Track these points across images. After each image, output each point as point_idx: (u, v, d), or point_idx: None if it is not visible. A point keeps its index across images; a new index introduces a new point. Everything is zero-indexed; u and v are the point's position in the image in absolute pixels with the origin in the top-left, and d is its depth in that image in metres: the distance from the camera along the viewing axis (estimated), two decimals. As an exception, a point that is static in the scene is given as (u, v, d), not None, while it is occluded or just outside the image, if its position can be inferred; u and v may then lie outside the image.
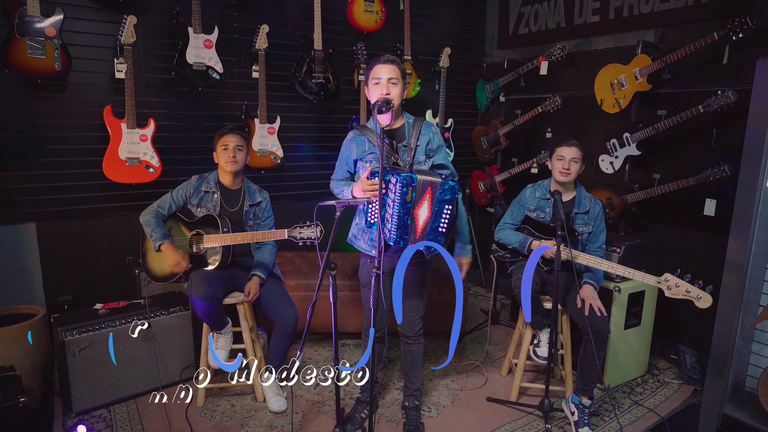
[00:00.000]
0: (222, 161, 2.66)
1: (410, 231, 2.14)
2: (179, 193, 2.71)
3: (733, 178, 2.74)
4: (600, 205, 2.77)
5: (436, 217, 2.13)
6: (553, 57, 3.84)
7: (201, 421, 2.60)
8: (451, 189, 2.11)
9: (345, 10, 3.79)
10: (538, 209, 2.80)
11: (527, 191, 2.85)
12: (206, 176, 2.74)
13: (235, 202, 2.73)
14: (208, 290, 2.47)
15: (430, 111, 4.28)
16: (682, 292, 2.32)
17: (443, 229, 2.15)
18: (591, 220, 2.72)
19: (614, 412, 2.75)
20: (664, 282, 2.37)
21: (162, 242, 2.58)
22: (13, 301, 2.93)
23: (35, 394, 2.63)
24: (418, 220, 2.14)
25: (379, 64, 2.21)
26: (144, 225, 2.64)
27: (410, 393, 2.59)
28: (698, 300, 2.29)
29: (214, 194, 2.69)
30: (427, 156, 2.32)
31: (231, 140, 2.64)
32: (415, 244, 2.14)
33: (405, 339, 2.51)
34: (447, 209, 2.13)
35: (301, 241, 2.44)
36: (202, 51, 3.19)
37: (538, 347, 2.75)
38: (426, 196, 2.12)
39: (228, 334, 2.67)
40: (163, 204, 2.68)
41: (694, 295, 2.29)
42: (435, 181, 2.11)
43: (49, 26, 2.74)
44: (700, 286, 2.30)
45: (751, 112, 2.26)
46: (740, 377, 2.58)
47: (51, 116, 3.00)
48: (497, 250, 2.90)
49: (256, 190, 2.81)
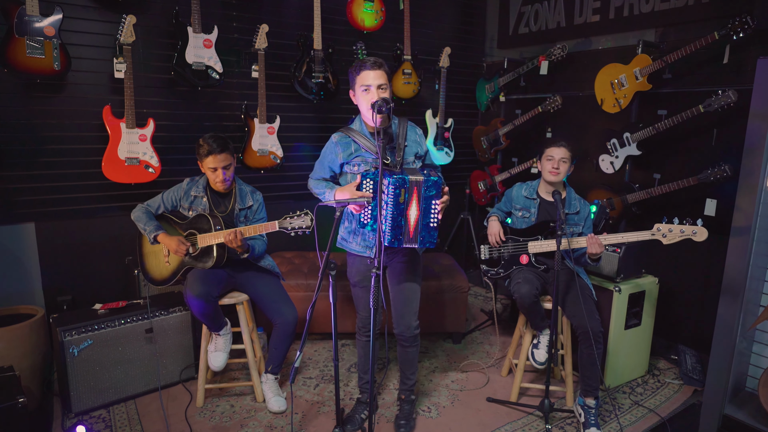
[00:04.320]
0: (211, 180, 2.63)
1: (404, 231, 2.15)
2: (170, 195, 2.71)
3: (733, 178, 2.73)
4: (589, 207, 2.80)
5: (426, 214, 2.14)
6: (554, 57, 3.84)
7: (200, 421, 2.59)
8: (435, 184, 2.11)
9: (345, 9, 3.78)
10: (523, 209, 2.85)
11: (515, 189, 2.93)
12: (197, 180, 2.73)
13: (224, 206, 2.72)
14: (203, 288, 2.47)
15: (430, 111, 4.28)
16: (677, 235, 2.37)
17: (434, 224, 2.15)
18: (581, 220, 2.76)
19: (615, 412, 2.75)
20: (657, 232, 2.41)
21: (157, 233, 2.59)
22: (12, 302, 2.92)
23: (34, 395, 2.63)
24: (410, 219, 2.14)
25: (366, 69, 2.18)
26: (136, 221, 2.65)
27: (407, 388, 2.60)
28: (695, 235, 2.33)
29: (203, 198, 2.68)
30: (416, 156, 2.34)
31: (218, 162, 2.56)
32: (410, 243, 2.15)
33: (401, 341, 2.50)
34: (434, 204, 2.13)
35: (293, 231, 2.39)
36: (201, 51, 3.18)
37: (537, 349, 2.75)
38: (414, 194, 2.12)
39: (227, 335, 2.67)
40: (153, 204, 2.70)
41: (689, 231, 2.34)
42: (419, 180, 2.11)
43: (48, 26, 2.73)
44: (690, 223, 2.35)
45: (751, 111, 2.25)
46: (741, 377, 2.57)
47: (50, 116, 2.99)
48: (488, 269, 2.92)
49: (249, 192, 2.78)
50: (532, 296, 2.59)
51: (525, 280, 2.64)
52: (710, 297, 3.14)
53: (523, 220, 2.85)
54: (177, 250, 2.57)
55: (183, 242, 2.59)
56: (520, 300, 2.63)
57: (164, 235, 2.60)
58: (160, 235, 2.59)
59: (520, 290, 2.61)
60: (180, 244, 2.57)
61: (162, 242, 2.61)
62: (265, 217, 2.82)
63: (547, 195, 2.82)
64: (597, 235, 2.56)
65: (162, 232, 2.60)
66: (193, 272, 2.59)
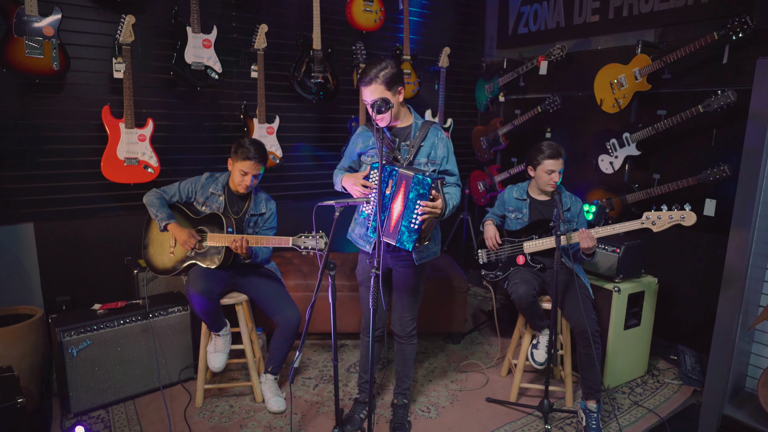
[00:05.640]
0: (236, 181, 2.63)
1: (385, 224, 2.11)
2: (187, 185, 2.70)
3: (733, 178, 2.73)
4: (581, 203, 2.83)
5: (408, 212, 2.02)
6: (553, 57, 3.84)
7: (200, 421, 2.59)
8: (421, 183, 1.97)
9: (344, 9, 3.79)
10: (516, 210, 2.87)
11: (506, 192, 2.95)
12: (217, 177, 2.73)
13: (239, 207, 2.72)
14: (206, 285, 2.47)
15: (430, 111, 4.27)
16: (666, 221, 2.38)
17: (414, 226, 2.02)
18: (573, 217, 2.78)
19: (614, 412, 2.74)
20: (647, 221, 2.42)
21: (168, 222, 2.56)
22: (11, 302, 2.92)
23: (33, 395, 2.62)
24: (393, 213, 2.09)
25: (360, 85, 2.18)
26: (148, 205, 2.61)
27: (400, 391, 2.59)
28: (683, 219, 2.34)
29: (220, 197, 2.68)
30: (429, 160, 2.28)
31: (252, 169, 2.59)
32: (388, 237, 2.11)
33: (398, 338, 2.52)
34: (418, 204, 1.99)
35: (305, 250, 2.44)
36: (200, 51, 3.18)
37: (536, 349, 2.75)
38: (401, 189, 2.06)
39: (226, 336, 2.66)
40: (168, 191, 2.68)
41: (678, 216, 2.35)
42: (408, 175, 2.02)
43: (47, 26, 2.73)
44: (679, 208, 2.36)
45: (751, 111, 2.25)
46: (740, 378, 2.57)
47: (49, 116, 2.99)
48: (487, 273, 2.94)
49: (264, 200, 2.78)
50: (529, 296, 2.59)
51: (522, 280, 2.65)
52: (710, 297, 3.14)
53: (516, 222, 2.86)
54: (186, 242, 2.53)
55: (194, 235, 2.55)
56: (517, 300, 2.63)
57: (175, 225, 2.57)
58: (171, 224, 2.56)
59: (518, 291, 2.61)
60: (190, 236, 2.54)
61: (172, 231, 2.57)
62: (275, 228, 2.82)
63: (537, 194, 2.83)
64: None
65: (174, 222, 2.57)
66: (196, 269, 2.58)
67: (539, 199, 2.82)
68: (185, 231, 2.56)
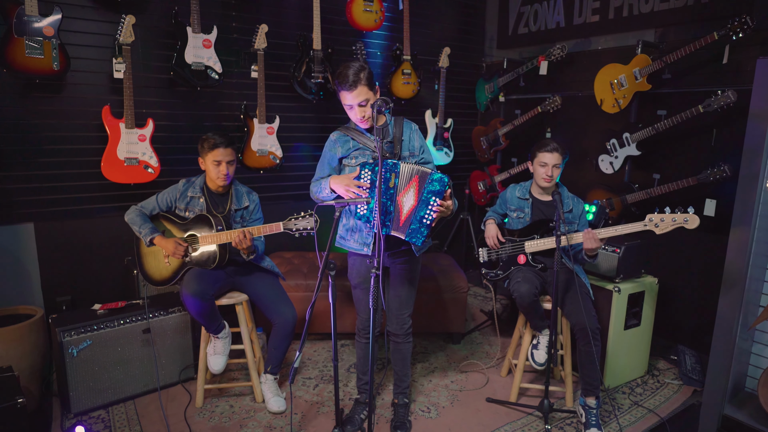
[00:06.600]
0: (213, 175, 2.61)
1: (393, 218, 2.15)
2: (164, 196, 2.68)
3: (733, 178, 2.73)
4: (582, 204, 2.82)
5: (422, 207, 2.13)
6: (553, 57, 3.83)
7: (200, 421, 2.59)
8: (440, 180, 2.11)
9: (344, 9, 3.78)
10: (518, 209, 2.88)
11: (508, 191, 2.95)
12: (193, 181, 2.71)
13: (222, 206, 2.70)
14: (199, 287, 2.46)
15: (430, 111, 4.28)
16: (669, 224, 2.38)
17: (428, 221, 2.13)
18: (575, 218, 2.78)
19: (614, 412, 2.74)
20: (649, 223, 2.41)
21: (153, 236, 2.56)
22: (11, 302, 2.92)
23: (33, 395, 2.62)
24: (402, 207, 2.14)
25: (343, 90, 2.18)
26: (130, 224, 2.61)
27: (400, 391, 2.60)
28: (686, 222, 2.34)
29: (200, 199, 2.67)
30: (410, 153, 2.35)
31: (223, 156, 2.57)
32: (397, 231, 2.15)
33: (394, 338, 2.52)
34: (434, 200, 2.11)
35: (297, 232, 2.38)
36: (200, 51, 3.18)
37: (536, 350, 2.75)
38: (412, 183, 2.14)
39: (226, 338, 2.66)
40: (147, 205, 2.66)
41: (681, 219, 2.35)
42: (424, 171, 2.14)
43: (47, 26, 2.73)
44: (682, 211, 2.36)
45: (751, 112, 2.25)
46: (740, 378, 2.57)
47: (49, 116, 2.99)
48: (488, 272, 2.94)
49: (245, 193, 2.76)
50: (531, 295, 2.59)
51: (524, 279, 2.65)
52: (710, 297, 3.14)
53: (518, 221, 2.86)
54: (174, 252, 2.54)
55: (180, 243, 2.55)
56: (519, 299, 2.63)
57: (160, 237, 2.57)
58: (156, 238, 2.56)
59: (520, 289, 2.61)
60: (177, 246, 2.53)
61: (158, 245, 2.57)
62: (262, 218, 2.81)
63: (539, 194, 2.84)
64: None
65: (158, 235, 2.57)
66: (190, 271, 2.58)
67: (541, 199, 2.83)
68: (171, 241, 2.55)
